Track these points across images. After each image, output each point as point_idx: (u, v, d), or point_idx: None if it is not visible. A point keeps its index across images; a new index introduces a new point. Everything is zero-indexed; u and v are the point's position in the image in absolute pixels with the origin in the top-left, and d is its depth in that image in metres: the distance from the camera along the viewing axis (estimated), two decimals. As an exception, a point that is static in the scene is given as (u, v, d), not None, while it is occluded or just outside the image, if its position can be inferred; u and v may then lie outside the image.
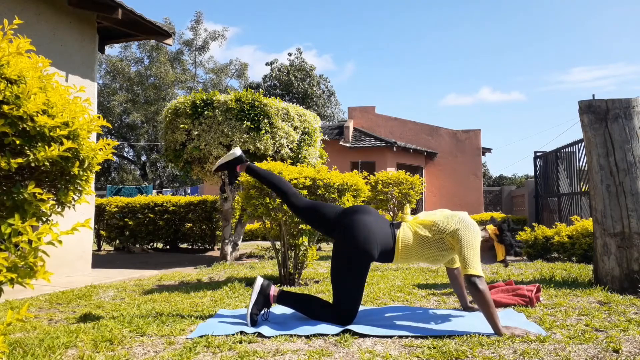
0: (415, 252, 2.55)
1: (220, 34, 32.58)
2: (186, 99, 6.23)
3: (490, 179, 37.21)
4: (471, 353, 2.02)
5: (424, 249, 2.54)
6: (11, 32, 1.74)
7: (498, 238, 2.66)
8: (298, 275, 4.18)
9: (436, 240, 2.53)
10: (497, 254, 2.67)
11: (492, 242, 2.68)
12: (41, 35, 4.91)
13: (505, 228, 2.67)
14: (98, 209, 8.74)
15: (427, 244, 2.54)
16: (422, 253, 2.55)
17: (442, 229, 2.52)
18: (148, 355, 2.07)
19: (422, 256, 2.57)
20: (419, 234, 2.56)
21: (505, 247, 2.65)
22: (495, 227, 2.69)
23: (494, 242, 2.67)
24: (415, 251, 2.55)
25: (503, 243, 2.65)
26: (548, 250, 6.08)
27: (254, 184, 4.02)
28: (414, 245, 2.54)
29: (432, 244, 2.53)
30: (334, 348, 2.15)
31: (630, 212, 3.40)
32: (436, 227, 2.54)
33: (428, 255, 2.56)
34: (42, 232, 1.53)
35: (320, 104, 29.74)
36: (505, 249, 2.65)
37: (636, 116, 3.50)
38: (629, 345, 2.09)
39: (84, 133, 1.86)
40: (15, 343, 2.22)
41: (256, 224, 11.79)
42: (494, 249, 2.67)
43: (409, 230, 2.58)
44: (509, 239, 2.65)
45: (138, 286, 4.21)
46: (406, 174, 7.62)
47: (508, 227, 2.69)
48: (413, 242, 2.55)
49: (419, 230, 2.56)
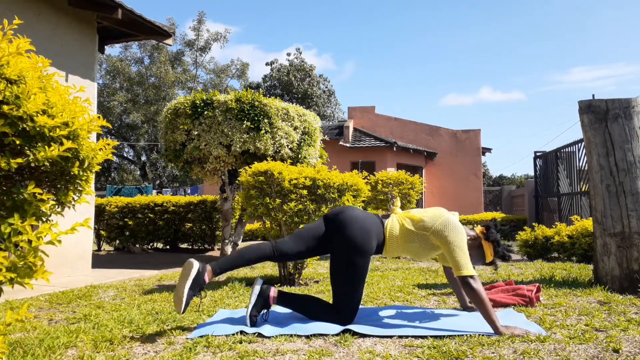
0: (400, 244, 2.58)
1: (223, 35, 32.61)
2: (186, 99, 6.23)
3: (490, 179, 37.20)
4: (471, 353, 2.02)
5: (407, 242, 2.57)
6: (11, 32, 1.74)
7: (485, 236, 2.68)
8: (298, 275, 4.18)
9: (419, 235, 2.55)
10: (486, 254, 2.67)
11: (479, 241, 2.69)
12: (41, 35, 4.91)
13: (492, 225, 2.69)
14: (98, 209, 8.74)
15: (410, 238, 2.56)
16: (405, 246, 2.58)
17: (427, 226, 2.54)
18: (148, 355, 2.07)
19: (405, 249, 2.60)
20: (404, 227, 2.58)
21: (492, 246, 2.66)
22: (483, 227, 2.71)
23: (481, 241, 2.68)
24: (399, 243, 2.58)
25: (489, 240, 2.66)
26: (548, 250, 6.08)
27: (254, 184, 4.02)
28: (399, 237, 2.57)
29: (414, 239, 2.56)
30: (334, 348, 2.15)
31: (630, 212, 3.40)
32: (422, 224, 2.56)
33: (410, 249, 2.58)
34: (41, 232, 1.53)
35: (320, 104, 29.74)
36: (492, 247, 2.66)
37: (636, 116, 3.50)
38: (629, 345, 2.09)
39: (84, 133, 1.86)
40: (15, 343, 2.22)
41: (256, 224, 11.79)
42: (482, 247, 2.68)
43: (396, 222, 2.62)
44: (495, 235, 2.66)
45: (138, 286, 4.21)
46: (406, 174, 7.63)
47: (495, 226, 2.69)
48: (399, 233, 2.58)
49: (405, 224, 2.59)
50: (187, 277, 2.36)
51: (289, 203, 3.89)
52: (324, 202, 3.94)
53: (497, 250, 2.66)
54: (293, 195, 3.91)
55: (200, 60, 32.77)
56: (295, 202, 3.89)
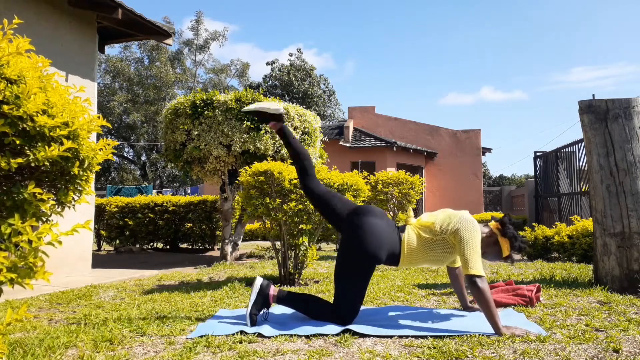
0: (420, 255, 2.55)
1: (221, 34, 32.62)
2: (186, 99, 6.23)
3: (490, 179, 37.20)
4: (471, 353, 2.02)
5: (428, 251, 2.54)
6: (11, 32, 1.74)
7: (501, 232, 2.65)
8: (298, 275, 4.18)
9: (439, 241, 2.53)
10: (502, 249, 2.64)
11: (496, 237, 2.65)
12: (41, 35, 4.90)
13: (507, 221, 2.67)
14: (98, 209, 8.74)
15: (431, 246, 2.54)
16: (427, 256, 2.55)
17: (444, 229, 2.52)
18: (148, 355, 2.07)
19: (427, 259, 2.57)
20: (422, 236, 2.56)
21: (509, 241, 2.64)
22: (497, 222, 2.68)
23: (497, 237, 2.65)
24: (419, 254, 2.55)
25: (506, 236, 2.63)
26: (548, 250, 6.08)
27: (254, 184, 4.02)
28: (418, 249, 2.55)
29: (435, 246, 2.54)
30: (334, 348, 2.15)
31: (630, 212, 3.40)
32: (438, 228, 2.54)
33: (433, 257, 2.56)
34: (42, 232, 1.53)
35: (320, 104, 29.74)
36: (509, 242, 2.64)
37: (636, 116, 3.50)
38: (629, 345, 2.09)
39: (84, 133, 1.86)
40: (15, 343, 2.22)
41: (256, 224, 11.79)
42: (498, 243, 2.65)
43: (413, 234, 2.59)
44: (512, 231, 2.63)
45: (138, 286, 4.21)
46: (406, 174, 7.62)
47: (510, 221, 2.68)
48: (417, 245, 2.55)
49: (422, 233, 2.57)
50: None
51: (289, 203, 3.89)
52: (324, 202, 3.93)
53: (514, 245, 2.63)
54: (293, 195, 3.91)
55: (200, 60, 32.78)
56: (295, 202, 3.89)
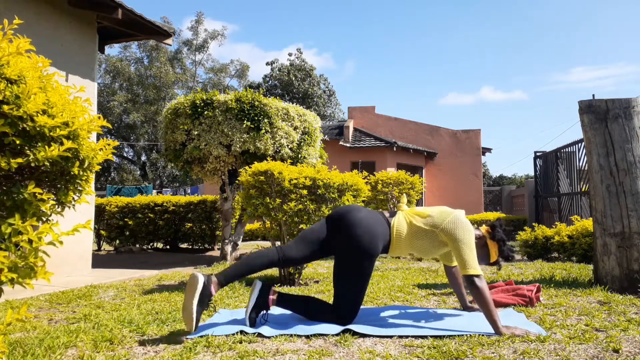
0: (407, 242, 2.55)
1: (220, 33, 32.63)
2: (186, 98, 6.23)
3: (490, 179, 37.20)
4: (471, 353, 2.02)
5: (415, 239, 2.55)
6: (11, 32, 1.74)
7: (490, 235, 2.68)
8: (298, 275, 4.18)
9: (429, 233, 2.53)
10: (490, 252, 2.67)
11: (485, 240, 2.69)
12: (41, 35, 4.90)
13: (497, 225, 2.69)
14: (98, 209, 8.74)
15: (420, 235, 2.54)
16: (414, 244, 2.56)
17: (437, 223, 2.53)
18: (148, 355, 2.07)
19: (413, 247, 2.57)
20: (413, 224, 2.56)
21: (497, 244, 2.66)
22: (488, 226, 2.71)
23: (486, 240, 2.68)
24: (407, 241, 2.55)
25: (494, 239, 2.66)
26: (548, 250, 6.08)
27: (254, 184, 4.02)
28: (406, 235, 2.55)
29: (424, 236, 2.54)
30: (334, 348, 2.15)
31: (630, 212, 3.40)
32: (431, 220, 2.54)
33: (419, 246, 2.56)
34: (42, 232, 1.53)
35: (320, 104, 29.74)
36: (497, 246, 2.66)
37: (636, 116, 3.50)
38: (629, 345, 2.09)
39: (84, 133, 1.86)
40: (15, 343, 2.22)
41: (256, 224, 11.78)
42: (487, 246, 2.68)
43: (403, 220, 2.59)
44: (501, 235, 2.66)
45: (138, 286, 4.21)
46: (406, 174, 7.63)
47: (500, 226, 2.70)
48: (406, 231, 2.55)
49: (413, 220, 2.57)
50: (193, 292, 2.31)
51: (289, 203, 3.89)
52: (324, 202, 3.94)
53: (502, 250, 2.65)
54: (293, 195, 3.91)
55: (199, 59, 32.79)
56: (295, 202, 3.89)
